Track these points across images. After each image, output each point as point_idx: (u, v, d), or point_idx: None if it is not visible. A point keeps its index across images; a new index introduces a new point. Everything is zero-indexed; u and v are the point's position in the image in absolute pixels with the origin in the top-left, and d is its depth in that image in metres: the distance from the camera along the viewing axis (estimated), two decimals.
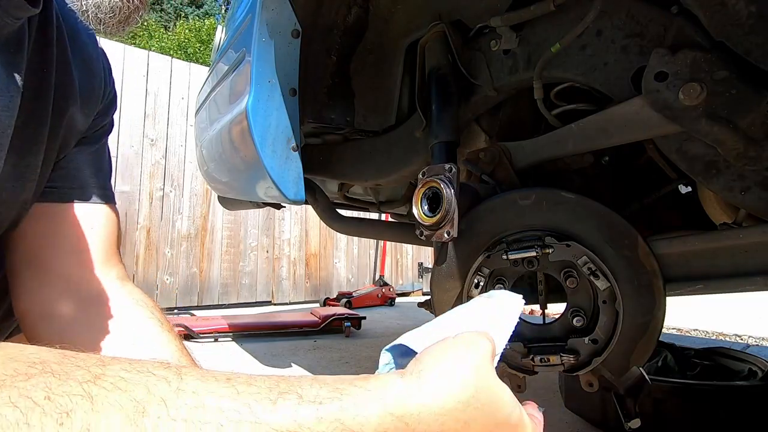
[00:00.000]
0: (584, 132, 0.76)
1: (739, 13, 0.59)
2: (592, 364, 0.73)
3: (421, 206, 0.79)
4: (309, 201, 1.33)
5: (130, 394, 0.29)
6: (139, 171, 3.71)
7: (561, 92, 0.84)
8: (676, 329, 3.24)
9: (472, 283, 0.78)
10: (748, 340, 2.89)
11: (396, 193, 1.62)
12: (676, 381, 1.18)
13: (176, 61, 4.02)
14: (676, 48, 0.63)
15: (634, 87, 0.69)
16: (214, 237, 4.00)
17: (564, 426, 1.38)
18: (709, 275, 0.73)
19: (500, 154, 0.87)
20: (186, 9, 22.67)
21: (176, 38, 16.91)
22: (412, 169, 1.08)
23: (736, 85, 0.61)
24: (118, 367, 0.31)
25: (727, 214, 0.79)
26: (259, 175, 1.03)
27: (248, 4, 1.04)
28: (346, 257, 4.85)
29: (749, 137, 0.62)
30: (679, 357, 1.44)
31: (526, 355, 0.77)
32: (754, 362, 1.33)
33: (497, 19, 0.82)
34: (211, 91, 1.32)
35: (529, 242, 0.75)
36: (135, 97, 3.74)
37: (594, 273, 0.71)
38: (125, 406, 0.28)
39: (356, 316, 2.98)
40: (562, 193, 0.76)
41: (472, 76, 0.90)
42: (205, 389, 0.31)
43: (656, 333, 0.73)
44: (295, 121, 1.00)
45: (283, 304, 4.25)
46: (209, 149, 1.32)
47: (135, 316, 0.65)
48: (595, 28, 0.73)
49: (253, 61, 0.97)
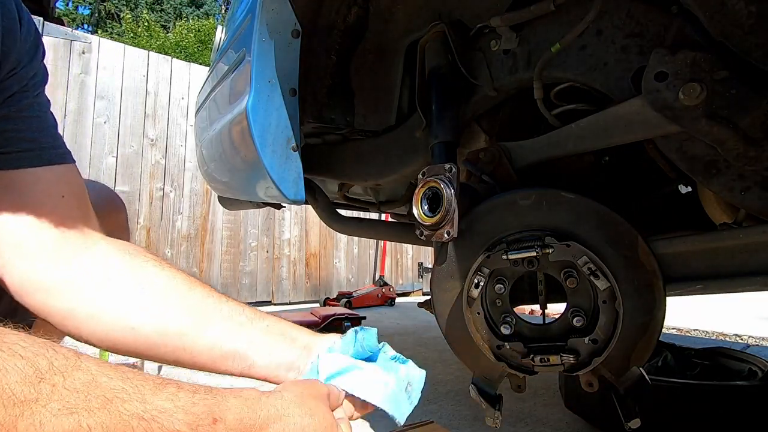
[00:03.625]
0: (584, 132, 0.76)
1: (739, 13, 0.59)
2: (592, 364, 0.73)
3: (421, 206, 0.79)
4: (309, 201, 1.33)
5: (32, 363, 0.33)
6: (139, 171, 3.71)
7: (561, 92, 0.84)
8: (676, 329, 3.24)
9: (472, 283, 0.78)
10: (748, 340, 2.89)
11: (396, 193, 1.62)
12: (676, 381, 1.18)
13: (176, 61, 4.02)
14: (676, 48, 0.63)
15: (634, 87, 0.69)
16: (214, 237, 3.99)
17: (564, 426, 1.38)
18: (709, 275, 0.73)
19: (500, 154, 0.87)
20: (186, 9, 22.66)
21: (176, 38, 16.91)
22: (412, 169, 1.08)
23: (736, 85, 0.61)
24: (16, 338, 0.35)
25: (727, 214, 0.79)
26: (259, 175, 1.03)
27: (248, 4, 1.04)
28: (346, 257, 4.85)
29: (749, 137, 0.62)
30: (679, 357, 1.44)
31: (526, 355, 0.77)
32: (754, 362, 1.33)
33: (497, 19, 0.82)
34: (211, 91, 1.32)
35: (529, 242, 0.75)
36: (135, 97, 3.74)
37: (594, 273, 0.70)
38: (25, 371, 0.33)
39: (356, 316, 2.98)
40: (562, 193, 0.76)
41: (472, 76, 0.90)
42: (100, 371, 0.37)
43: (656, 333, 0.73)
44: (295, 121, 1.00)
45: (283, 304, 4.25)
46: (209, 149, 1.32)
47: (134, 270, 0.62)
48: (595, 28, 0.73)
49: (253, 61, 0.97)
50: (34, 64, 0.60)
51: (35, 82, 0.61)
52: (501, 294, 0.80)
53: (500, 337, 0.79)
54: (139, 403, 0.37)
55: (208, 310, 0.63)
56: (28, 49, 0.59)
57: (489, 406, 0.82)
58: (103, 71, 3.60)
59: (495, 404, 0.82)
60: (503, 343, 0.78)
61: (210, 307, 0.63)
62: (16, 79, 0.57)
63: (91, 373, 0.36)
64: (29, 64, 0.59)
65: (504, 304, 0.81)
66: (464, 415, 1.46)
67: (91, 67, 3.55)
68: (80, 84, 3.49)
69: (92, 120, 3.53)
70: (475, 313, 0.80)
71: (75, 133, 3.45)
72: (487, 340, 0.80)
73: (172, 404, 0.39)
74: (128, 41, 13.82)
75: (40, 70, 0.62)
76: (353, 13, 1.07)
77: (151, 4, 22.17)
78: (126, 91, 3.69)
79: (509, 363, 0.79)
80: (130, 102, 3.71)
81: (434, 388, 1.75)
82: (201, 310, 0.62)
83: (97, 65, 3.57)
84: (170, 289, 0.62)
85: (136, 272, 0.62)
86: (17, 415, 0.31)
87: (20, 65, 0.57)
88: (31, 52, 0.60)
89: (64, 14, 19.93)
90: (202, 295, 0.64)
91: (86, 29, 20.79)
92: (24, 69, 0.58)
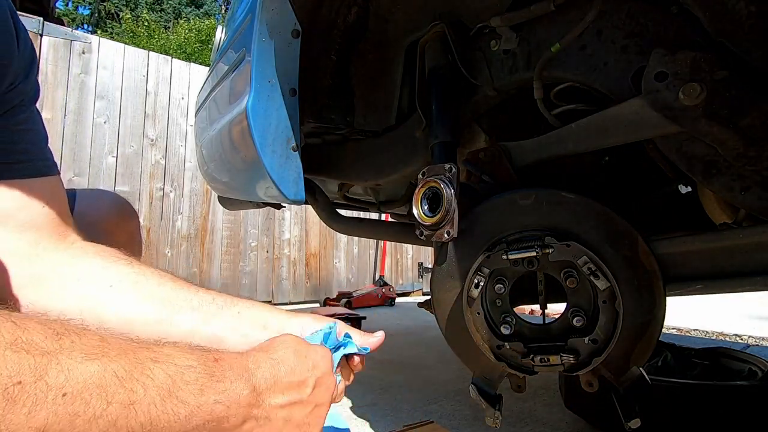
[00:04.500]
0: (584, 132, 0.76)
1: (739, 13, 0.59)
2: (592, 364, 0.73)
3: (421, 206, 0.79)
4: (309, 201, 1.33)
5: (47, 325, 0.37)
6: (139, 171, 3.71)
7: (561, 92, 0.84)
8: (676, 329, 3.24)
9: (472, 283, 0.78)
10: (748, 340, 2.89)
11: (396, 193, 1.62)
12: (676, 381, 1.18)
13: (176, 61, 4.02)
14: (676, 48, 0.63)
15: (634, 87, 0.69)
16: (214, 237, 4.00)
17: (564, 426, 1.38)
18: (709, 275, 0.72)
19: (500, 154, 0.87)
20: (185, 9, 22.66)
21: (176, 38, 16.91)
22: (412, 169, 1.08)
23: (736, 85, 0.61)
24: (24, 314, 0.39)
25: (727, 214, 0.79)
26: (259, 175, 1.03)
27: (248, 4, 1.04)
28: (346, 257, 4.85)
29: (749, 137, 0.62)
30: (679, 357, 1.44)
31: (526, 355, 0.77)
32: (754, 362, 1.33)
33: (497, 19, 0.82)
34: (211, 91, 1.32)
35: (529, 242, 0.75)
36: (135, 97, 3.74)
37: (594, 273, 0.70)
38: (44, 331, 0.36)
39: (356, 316, 2.98)
40: (562, 193, 0.76)
41: (472, 76, 0.90)
42: (107, 334, 0.42)
43: (656, 333, 0.73)
44: (295, 121, 1.00)
45: (283, 304, 4.25)
46: (209, 149, 1.32)
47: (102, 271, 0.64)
48: (594, 28, 0.73)
49: (253, 61, 0.97)
50: (30, 78, 0.64)
51: (30, 96, 0.65)
52: (501, 294, 0.80)
53: (500, 337, 0.79)
54: (149, 351, 0.43)
55: (178, 301, 0.65)
56: (25, 64, 0.62)
57: (489, 406, 0.82)
58: (103, 71, 3.60)
59: (495, 404, 0.82)
60: (503, 343, 0.78)
61: (180, 299, 0.65)
62: (15, 93, 0.60)
63: (100, 335, 0.41)
64: (26, 79, 0.62)
65: (504, 304, 0.81)
66: (464, 415, 1.46)
67: (91, 67, 3.55)
68: (80, 84, 3.49)
69: (92, 120, 3.53)
70: (475, 313, 0.80)
71: (75, 133, 3.45)
72: (487, 340, 0.80)
73: (178, 351, 0.45)
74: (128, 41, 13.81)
75: (35, 84, 0.66)
76: (353, 13, 1.07)
77: (151, 4, 22.17)
78: (126, 91, 3.70)
79: (509, 363, 0.79)
80: (130, 102, 3.71)
81: (434, 388, 1.75)
82: (170, 302, 0.65)
83: (97, 65, 3.57)
84: (140, 284, 0.64)
85: (107, 270, 0.65)
86: (46, 363, 0.35)
87: (18, 80, 0.60)
88: (28, 67, 0.63)
89: (64, 14, 19.94)
90: (172, 288, 0.66)
91: (86, 29, 20.79)
92: (22, 83, 0.61)
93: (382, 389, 1.72)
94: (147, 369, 0.41)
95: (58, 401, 0.34)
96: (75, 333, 0.39)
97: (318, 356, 0.59)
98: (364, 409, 1.49)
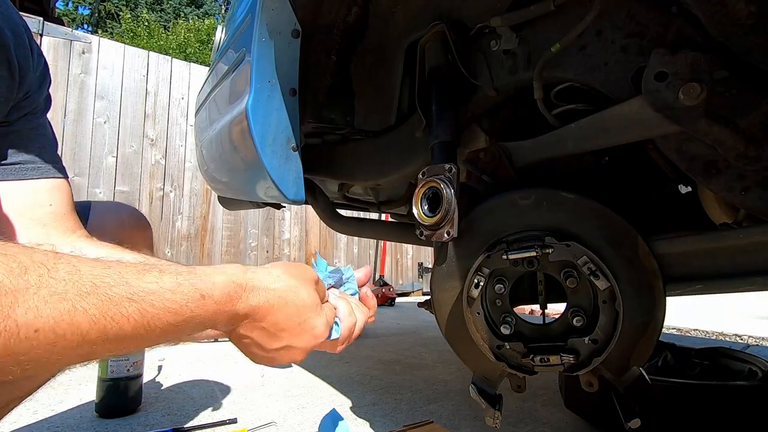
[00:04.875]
0: (584, 132, 0.76)
1: (739, 13, 0.59)
2: (592, 364, 0.73)
3: (421, 206, 0.79)
4: (309, 201, 1.33)
5: (14, 258, 0.35)
6: (139, 171, 3.71)
7: (561, 92, 0.84)
8: (676, 329, 3.24)
9: (472, 283, 0.78)
10: (748, 340, 2.89)
11: (396, 193, 1.62)
12: (675, 381, 1.18)
13: (176, 61, 4.02)
14: (676, 48, 0.63)
15: (634, 87, 0.69)
16: (214, 237, 4.00)
17: (564, 426, 1.38)
18: (709, 275, 0.72)
19: (500, 154, 0.87)
20: (185, 9, 22.66)
21: (175, 38, 16.92)
22: (412, 169, 1.08)
23: (736, 85, 0.61)
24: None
25: (727, 214, 0.79)
26: (259, 175, 1.03)
27: (248, 4, 1.04)
28: (346, 257, 4.85)
29: (749, 137, 0.62)
30: (679, 357, 1.44)
31: (526, 355, 0.77)
32: (754, 362, 1.33)
33: (497, 19, 0.82)
34: (211, 91, 1.32)
35: (529, 242, 0.75)
36: (135, 97, 3.74)
37: (594, 273, 0.70)
38: (9, 265, 0.34)
39: None
40: (562, 193, 0.76)
41: (472, 76, 0.90)
42: (81, 262, 0.38)
43: (656, 333, 0.73)
44: (295, 121, 1.00)
45: None
46: (209, 149, 1.32)
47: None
48: (595, 28, 0.73)
49: (253, 61, 0.97)
50: (42, 89, 0.73)
51: (42, 107, 0.74)
52: (501, 294, 0.80)
53: (500, 337, 0.79)
54: (125, 287, 0.39)
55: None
56: (39, 76, 0.71)
57: (489, 406, 0.82)
58: (103, 71, 3.60)
59: (495, 404, 0.82)
60: (503, 343, 0.78)
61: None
62: (29, 101, 0.69)
63: (73, 264, 0.38)
64: (39, 89, 0.71)
65: (504, 304, 0.81)
66: (464, 414, 1.46)
67: (91, 67, 3.55)
68: (80, 84, 3.49)
69: (92, 120, 3.53)
70: (475, 313, 0.80)
71: (75, 133, 3.45)
72: (487, 340, 0.80)
73: (158, 286, 0.41)
74: (128, 41, 13.82)
75: (47, 95, 0.75)
76: (353, 14, 1.07)
77: (151, 4, 22.16)
78: (126, 91, 3.70)
79: (509, 363, 0.79)
80: (130, 102, 3.71)
81: (434, 388, 1.75)
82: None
83: (97, 65, 3.58)
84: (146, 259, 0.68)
85: (114, 254, 0.69)
86: (11, 303, 0.33)
87: (32, 90, 0.69)
88: (41, 79, 0.72)
89: (64, 14, 19.94)
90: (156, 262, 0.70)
91: (86, 29, 20.79)
92: (35, 93, 0.70)
93: (382, 389, 1.72)
94: (122, 310, 0.39)
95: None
96: (44, 265, 0.36)
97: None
98: (364, 409, 1.49)
